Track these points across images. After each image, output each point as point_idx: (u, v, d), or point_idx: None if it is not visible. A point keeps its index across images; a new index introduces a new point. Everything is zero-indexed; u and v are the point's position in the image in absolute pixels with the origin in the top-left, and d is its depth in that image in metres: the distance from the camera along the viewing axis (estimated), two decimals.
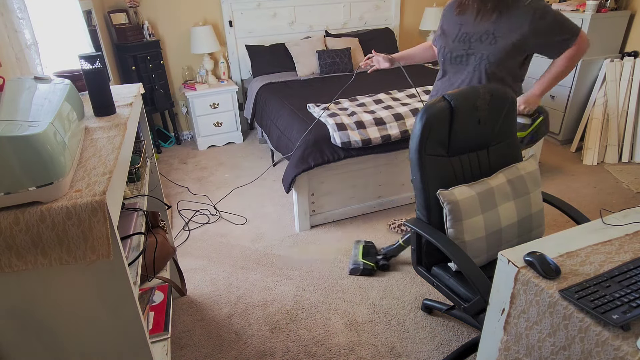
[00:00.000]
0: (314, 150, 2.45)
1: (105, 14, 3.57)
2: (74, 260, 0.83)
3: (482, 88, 1.50)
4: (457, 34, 1.78)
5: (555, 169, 3.36)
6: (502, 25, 1.65)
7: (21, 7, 1.75)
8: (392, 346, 1.82)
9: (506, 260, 1.03)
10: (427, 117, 1.42)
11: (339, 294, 2.13)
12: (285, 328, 1.94)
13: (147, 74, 3.66)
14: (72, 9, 2.58)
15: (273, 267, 2.35)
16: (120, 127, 1.16)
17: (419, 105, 2.74)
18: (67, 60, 2.24)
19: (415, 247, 1.59)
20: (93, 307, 0.92)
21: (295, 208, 2.65)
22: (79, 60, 1.19)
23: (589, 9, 3.35)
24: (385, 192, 2.81)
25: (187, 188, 3.30)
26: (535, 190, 1.54)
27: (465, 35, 1.75)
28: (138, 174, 1.51)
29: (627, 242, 1.07)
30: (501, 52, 1.66)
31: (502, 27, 1.65)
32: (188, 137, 4.37)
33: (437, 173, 1.49)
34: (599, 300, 0.86)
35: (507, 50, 1.66)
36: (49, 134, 0.80)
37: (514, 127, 1.64)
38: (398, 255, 2.35)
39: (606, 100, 3.41)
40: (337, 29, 4.36)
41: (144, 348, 1.01)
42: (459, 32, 1.78)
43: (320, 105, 2.85)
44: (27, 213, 0.78)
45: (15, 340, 0.92)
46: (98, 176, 0.89)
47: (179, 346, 1.86)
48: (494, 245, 1.47)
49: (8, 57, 1.50)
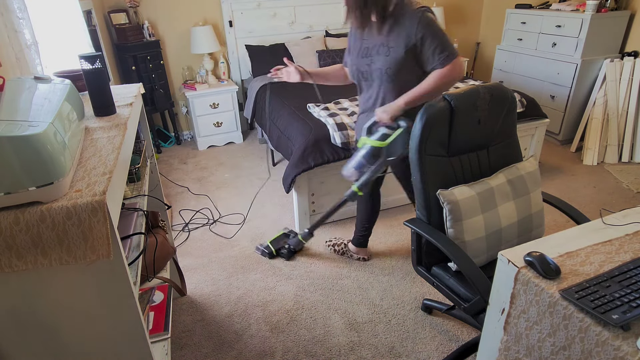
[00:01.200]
0: (314, 150, 2.45)
1: (105, 14, 3.57)
2: (74, 260, 0.83)
3: (482, 88, 1.50)
4: (359, 49, 1.75)
5: (555, 169, 3.36)
6: (393, 35, 1.62)
7: (21, 7, 1.75)
8: (392, 346, 1.82)
9: (506, 260, 1.03)
10: (427, 117, 1.42)
11: (339, 294, 2.13)
12: (285, 328, 1.94)
13: (147, 74, 3.65)
14: (72, 9, 2.58)
15: (273, 267, 2.35)
16: (120, 127, 1.16)
17: None
18: (67, 60, 2.24)
19: (415, 247, 1.59)
20: (93, 307, 0.92)
21: (295, 208, 2.65)
22: (79, 60, 1.19)
23: (589, 9, 3.35)
24: (385, 192, 2.81)
25: (187, 188, 3.30)
26: (535, 190, 1.54)
27: (367, 50, 1.72)
28: (138, 174, 1.51)
29: (627, 242, 1.07)
30: (396, 63, 1.63)
31: (393, 36, 1.62)
32: (188, 137, 4.37)
33: (437, 173, 1.49)
34: (599, 300, 0.86)
35: (400, 60, 1.62)
36: (49, 134, 0.80)
37: (514, 127, 1.64)
38: (302, 249, 2.50)
39: (606, 100, 3.41)
40: (337, 29, 4.36)
41: (144, 348, 1.01)
42: (361, 46, 1.74)
43: (320, 105, 2.85)
44: (27, 213, 0.78)
45: (15, 340, 0.92)
46: (98, 176, 0.89)
47: (179, 346, 1.86)
48: (494, 245, 1.47)
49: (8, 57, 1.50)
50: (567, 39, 3.53)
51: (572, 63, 3.50)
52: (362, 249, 2.37)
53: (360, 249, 2.36)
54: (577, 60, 3.45)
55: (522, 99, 2.94)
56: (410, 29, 1.57)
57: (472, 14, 4.93)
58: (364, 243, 2.35)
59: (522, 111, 2.92)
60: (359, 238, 2.33)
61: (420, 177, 1.46)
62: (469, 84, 3.13)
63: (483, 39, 5.04)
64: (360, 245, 2.35)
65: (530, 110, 2.96)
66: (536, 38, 3.84)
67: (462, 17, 4.90)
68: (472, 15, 4.94)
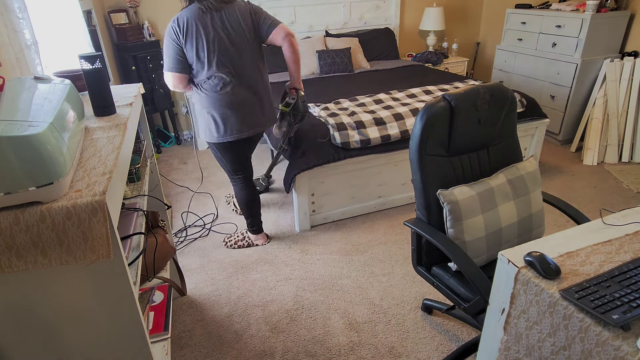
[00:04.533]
0: (314, 150, 2.45)
1: (105, 14, 3.57)
2: (74, 260, 0.83)
3: (482, 88, 1.50)
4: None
5: (555, 169, 3.36)
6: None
7: (21, 7, 1.75)
8: (392, 346, 1.82)
9: (506, 260, 1.03)
10: (427, 117, 1.42)
11: (339, 294, 2.13)
12: (285, 328, 1.94)
13: (147, 74, 3.65)
14: (72, 9, 2.58)
15: (273, 267, 2.35)
16: (120, 127, 1.16)
17: (419, 105, 2.74)
18: (67, 60, 2.24)
19: (415, 247, 1.59)
20: (93, 307, 0.92)
21: (295, 208, 2.65)
22: (79, 60, 1.19)
23: (589, 9, 3.35)
24: (385, 192, 2.81)
25: (187, 188, 3.30)
26: (536, 190, 1.54)
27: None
28: (138, 174, 1.51)
29: (627, 242, 1.07)
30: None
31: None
32: (188, 137, 4.37)
33: (437, 173, 1.49)
34: (599, 300, 0.86)
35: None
36: (49, 134, 0.79)
37: (514, 127, 1.64)
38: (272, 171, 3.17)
39: (606, 100, 3.41)
40: (337, 29, 4.36)
41: (144, 348, 1.01)
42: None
43: (320, 105, 2.85)
44: (27, 213, 0.78)
45: (15, 340, 0.92)
46: (98, 176, 0.89)
47: (179, 346, 1.86)
48: (494, 245, 1.47)
49: (8, 57, 1.50)
50: (567, 39, 3.53)
51: (572, 63, 3.50)
52: (261, 235, 2.58)
53: (259, 235, 2.57)
54: (577, 60, 3.45)
55: (522, 99, 2.94)
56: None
57: (472, 14, 4.93)
58: (258, 230, 2.56)
59: (522, 111, 2.92)
60: (251, 224, 2.53)
61: (421, 177, 1.46)
62: (469, 84, 3.13)
63: (483, 39, 5.04)
64: (257, 232, 2.56)
65: (530, 110, 2.96)
66: (536, 38, 3.84)
67: (462, 17, 4.90)
68: (472, 15, 4.94)
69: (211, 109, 2.05)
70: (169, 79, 1.99)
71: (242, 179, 2.34)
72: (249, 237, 2.56)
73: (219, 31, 1.92)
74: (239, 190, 2.37)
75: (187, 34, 1.89)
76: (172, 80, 1.99)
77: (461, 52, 5.01)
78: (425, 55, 4.44)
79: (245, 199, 2.39)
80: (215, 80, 1.98)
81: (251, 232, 2.55)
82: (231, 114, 2.05)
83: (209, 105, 2.05)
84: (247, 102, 2.08)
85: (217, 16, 1.92)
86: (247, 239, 2.56)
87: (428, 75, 3.65)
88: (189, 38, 1.90)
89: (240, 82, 2.03)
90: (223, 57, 1.95)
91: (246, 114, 2.09)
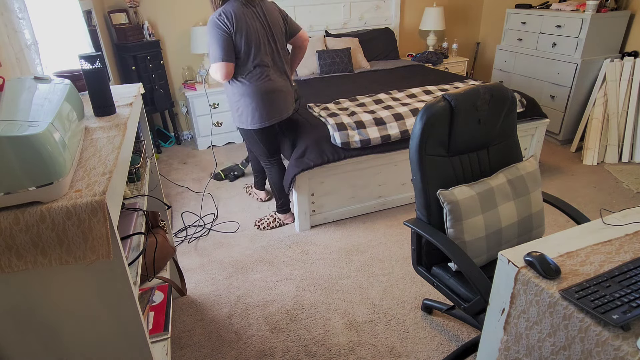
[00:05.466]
0: (314, 150, 2.45)
1: (105, 14, 3.57)
2: (74, 260, 0.83)
3: (482, 88, 1.50)
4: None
5: (555, 169, 3.36)
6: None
7: (21, 7, 1.75)
8: (392, 346, 1.82)
9: (506, 260, 1.03)
10: (427, 117, 1.42)
11: (339, 294, 2.13)
12: (285, 328, 1.94)
13: (147, 74, 3.65)
14: (72, 9, 2.58)
15: (273, 267, 2.35)
16: (120, 127, 1.16)
17: (419, 105, 2.74)
18: (67, 60, 2.24)
19: (415, 247, 1.59)
20: (93, 307, 0.92)
21: (295, 208, 2.65)
22: (79, 60, 1.19)
23: (589, 9, 3.35)
24: (385, 192, 2.81)
25: (187, 188, 3.30)
26: (536, 190, 1.54)
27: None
28: (138, 174, 1.51)
29: (627, 242, 1.07)
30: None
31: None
32: (188, 137, 4.37)
33: (437, 173, 1.49)
34: (599, 300, 0.86)
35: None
36: (49, 134, 0.79)
37: (514, 127, 1.64)
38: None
39: (606, 100, 3.41)
40: (337, 29, 4.36)
41: (144, 348, 1.01)
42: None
43: (320, 105, 2.85)
44: (27, 213, 0.78)
45: (15, 340, 0.92)
46: (98, 176, 0.89)
47: (179, 346, 1.86)
48: (494, 245, 1.47)
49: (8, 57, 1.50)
50: (567, 39, 3.53)
51: (572, 63, 3.50)
52: (290, 213, 2.73)
53: (288, 214, 2.72)
54: (577, 60, 3.45)
55: (522, 99, 2.94)
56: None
57: (472, 14, 4.93)
58: (287, 209, 2.72)
59: (522, 111, 2.92)
60: (282, 205, 2.68)
61: (420, 177, 1.46)
62: (469, 84, 3.13)
63: (483, 39, 5.04)
64: (286, 211, 2.72)
65: (530, 110, 2.96)
66: (536, 38, 3.84)
67: (462, 17, 4.90)
68: (472, 15, 4.94)
69: (254, 96, 2.23)
70: (221, 69, 2.10)
71: (277, 160, 2.55)
72: (278, 217, 2.71)
73: (263, 23, 2.13)
74: (275, 173, 2.54)
75: (237, 25, 2.05)
76: (225, 69, 2.10)
77: (461, 52, 5.01)
78: (425, 55, 4.44)
79: (281, 180, 2.57)
80: (259, 70, 2.18)
81: (280, 212, 2.70)
82: (271, 101, 2.27)
83: (252, 94, 2.22)
84: (283, 89, 2.32)
85: (258, 10, 2.13)
86: (277, 220, 2.71)
87: (428, 75, 3.65)
88: (238, 29, 2.06)
89: (277, 71, 2.28)
90: (266, 47, 2.16)
91: (281, 100, 2.32)
